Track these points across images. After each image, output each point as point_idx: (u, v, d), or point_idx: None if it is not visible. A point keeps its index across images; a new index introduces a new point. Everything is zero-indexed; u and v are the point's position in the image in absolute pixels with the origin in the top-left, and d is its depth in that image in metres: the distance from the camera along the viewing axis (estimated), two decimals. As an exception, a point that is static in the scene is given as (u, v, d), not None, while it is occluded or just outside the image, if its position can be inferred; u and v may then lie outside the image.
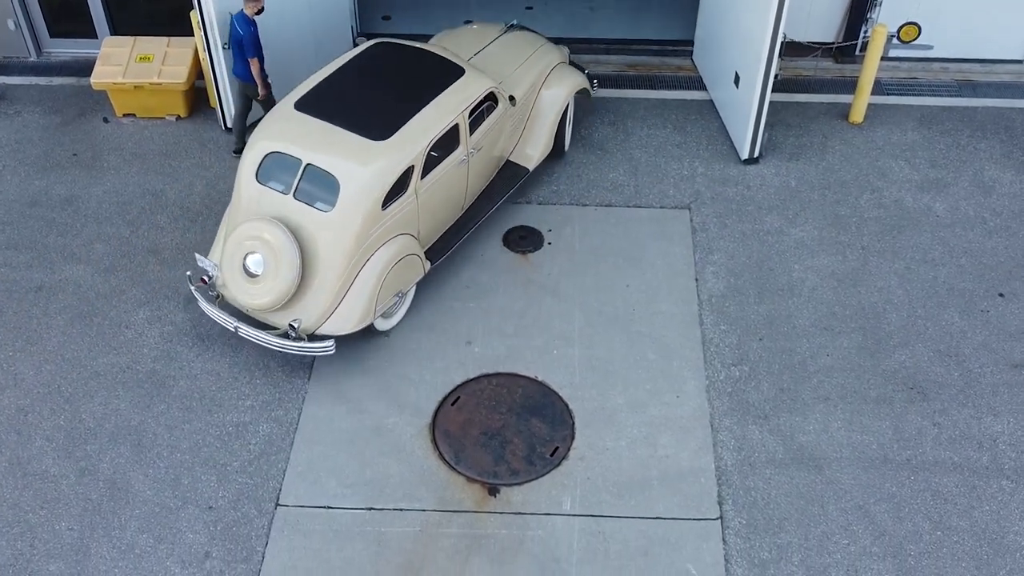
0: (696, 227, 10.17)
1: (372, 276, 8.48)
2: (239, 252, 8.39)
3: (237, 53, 10.11)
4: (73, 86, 11.88)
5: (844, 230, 10.15)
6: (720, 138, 11.17)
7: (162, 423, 8.49)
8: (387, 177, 8.36)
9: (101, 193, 10.55)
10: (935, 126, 11.34)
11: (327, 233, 8.24)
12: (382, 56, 9.39)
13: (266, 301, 8.36)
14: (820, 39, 12.07)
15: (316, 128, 8.49)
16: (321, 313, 8.44)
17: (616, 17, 12.93)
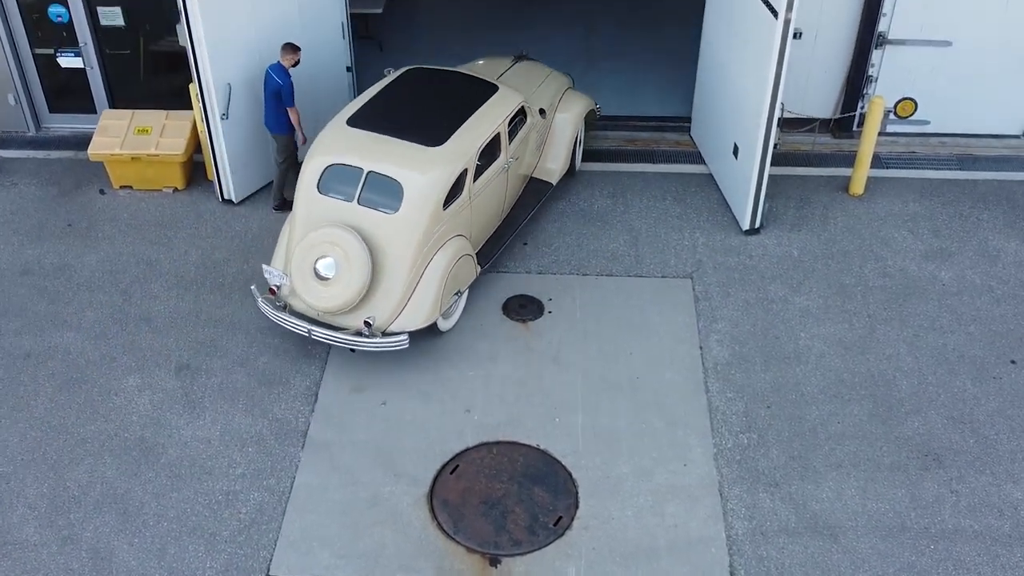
0: (699, 295, 10.01)
1: (436, 274, 8.95)
2: (310, 258, 8.77)
3: (273, 105, 10.33)
4: (71, 159, 11.84)
5: (849, 298, 9.99)
6: (720, 209, 11.11)
7: (149, 491, 8.16)
8: (446, 179, 8.91)
9: (94, 262, 10.39)
10: (936, 197, 11.31)
11: (394, 234, 8.74)
12: (419, 78, 10.08)
13: (340, 302, 8.72)
14: (817, 114, 12.12)
15: (372, 140, 9.04)
16: (392, 311, 8.85)
17: (613, 94, 13.03)
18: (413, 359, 9.33)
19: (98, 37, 11.65)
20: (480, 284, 10.13)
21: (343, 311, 8.82)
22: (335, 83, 11.76)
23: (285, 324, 9.00)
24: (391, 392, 9.04)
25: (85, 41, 11.62)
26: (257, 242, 10.63)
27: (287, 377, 9.17)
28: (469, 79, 10.17)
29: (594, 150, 12.02)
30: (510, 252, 10.51)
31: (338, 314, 8.85)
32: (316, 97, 11.42)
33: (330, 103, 11.73)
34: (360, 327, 8.80)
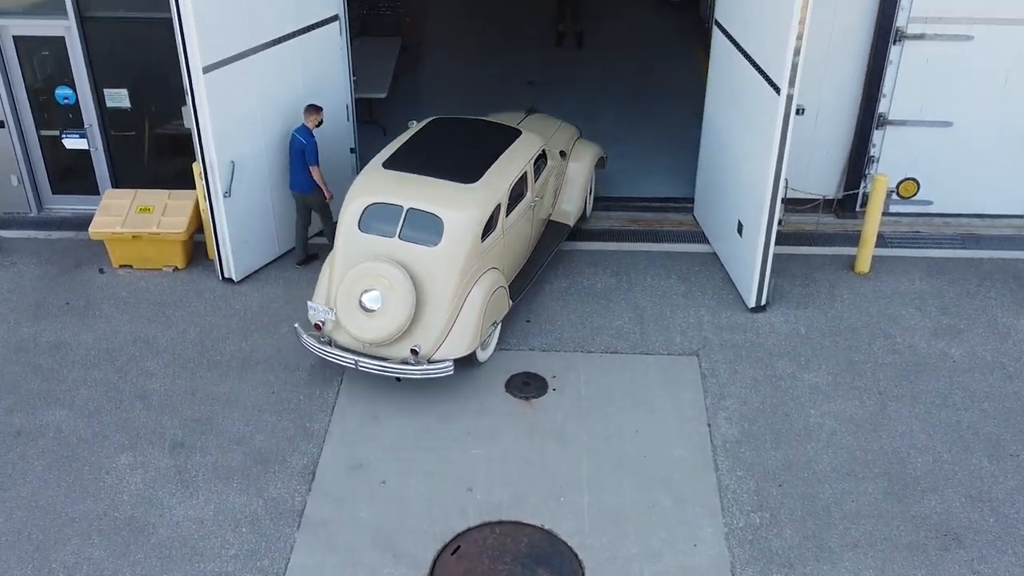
0: (705, 373, 9.82)
1: (477, 303, 9.34)
2: (355, 292, 9.11)
3: (298, 166, 10.62)
4: (71, 239, 11.78)
5: (859, 375, 9.79)
6: (726, 287, 10.99)
7: (138, 572, 7.84)
8: (483, 212, 9.37)
9: (91, 340, 10.24)
10: (942, 276, 11.20)
11: (436, 266, 9.15)
12: (445, 126, 10.64)
13: (386, 333, 9.07)
14: (820, 194, 12.10)
15: (409, 180, 9.51)
16: (436, 339, 9.21)
17: (616, 176, 13.05)
18: (415, 436, 9.10)
19: (104, 119, 11.71)
20: (483, 359, 9.97)
21: (389, 342, 9.14)
22: (339, 164, 11.76)
23: (331, 358, 9.29)
24: (392, 470, 8.78)
25: (91, 123, 11.68)
26: (256, 319, 10.49)
27: (284, 455, 8.93)
28: (493, 125, 10.79)
29: (597, 229, 11.98)
30: (513, 329, 10.37)
31: (384, 345, 9.16)
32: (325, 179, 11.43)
33: (334, 184, 11.74)
34: (406, 356, 9.14)
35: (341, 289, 9.17)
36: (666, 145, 13.77)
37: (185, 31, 9.52)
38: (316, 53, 10.96)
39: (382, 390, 9.62)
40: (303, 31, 10.68)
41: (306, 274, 11.15)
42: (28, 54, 11.40)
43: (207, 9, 9.55)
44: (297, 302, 10.72)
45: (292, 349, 10.09)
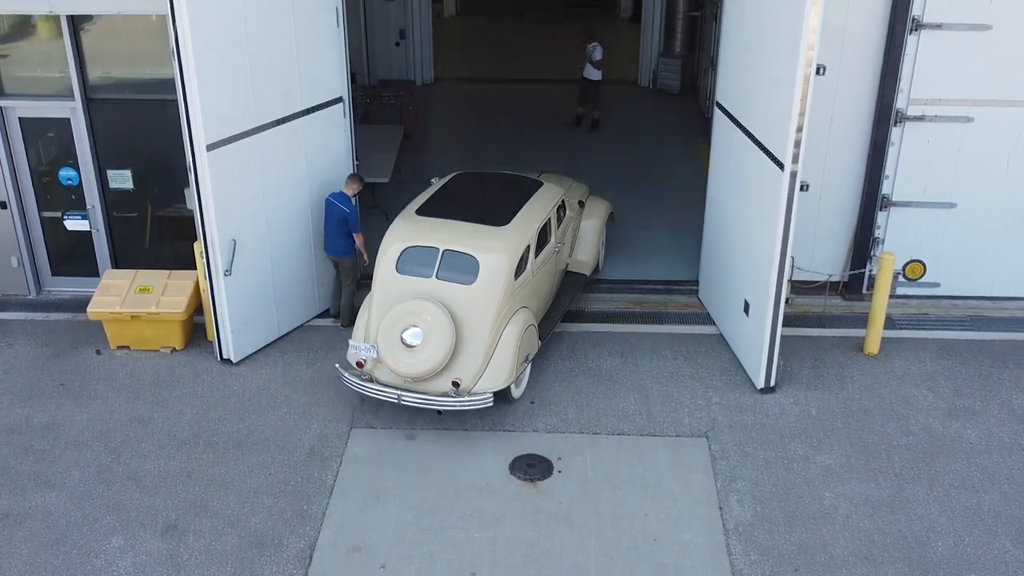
0: (715, 455, 9.55)
1: (512, 338, 9.74)
2: (396, 329, 9.45)
3: (336, 232, 10.95)
4: (69, 321, 11.63)
5: (874, 457, 9.53)
6: (733, 369, 10.80)
7: (124, 663, 7.47)
8: (515, 253, 9.89)
9: (85, 421, 9.99)
10: (953, 357, 11.01)
11: (473, 303, 9.58)
12: (469, 179, 11.39)
13: (428, 367, 9.38)
14: (825, 276, 12.01)
15: (443, 224, 10.06)
16: (475, 373, 9.56)
17: (619, 259, 12.99)
18: (417, 517, 8.79)
19: (106, 200, 11.69)
20: (486, 441, 9.71)
21: (430, 376, 9.47)
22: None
23: (374, 394, 9.63)
24: (392, 553, 8.45)
25: (93, 204, 11.65)
26: (254, 401, 10.26)
27: (280, 538, 8.60)
28: (515, 176, 11.57)
29: (601, 311, 11.84)
30: (517, 410, 10.14)
31: (425, 379, 9.49)
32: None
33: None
34: (447, 389, 9.47)
35: (383, 327, 9.50)
36: (669, 229, 13.75)
37: (190, 108, 9.54)
38: (320, 134, 11.00)
39: (384, 467, 9.36)
40: (307, 112, 10.74)
41: (306, 355, 10.97)
42: (33, 135, 11.44)
43: (212, 87, 9.59)
44: (296, 384, 10.52)
45: (290, 430, 9.85)
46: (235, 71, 9.82)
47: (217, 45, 9.56)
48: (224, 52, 9.66)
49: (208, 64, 9.49)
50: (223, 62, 9.67)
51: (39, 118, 11.34)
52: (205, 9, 9.34)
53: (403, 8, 18.95)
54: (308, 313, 11.53)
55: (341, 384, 10.42)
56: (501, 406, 10.09)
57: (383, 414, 10.10)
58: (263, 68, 10.09)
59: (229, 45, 9.69)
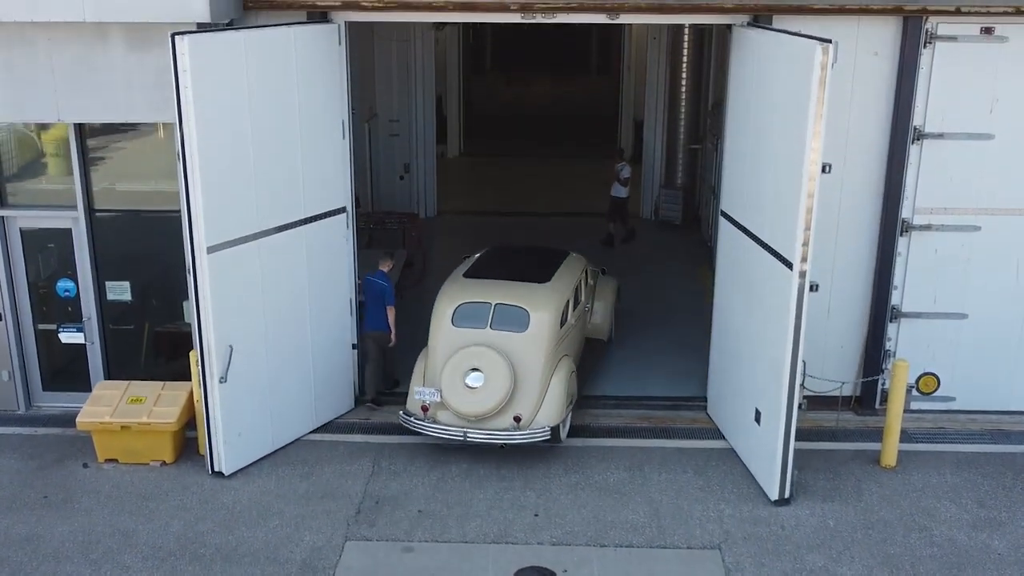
0: (730, 567, 9.02)
1: (562, 379, 10.80)
2: (458, 373, 10.40)
3: (375, 308, 11.64)
4: (58, 435, 11.26)
5: (898, 569, 8.99)
6: (745, 482, 10.35)
7: None
8: (559, 304, 11.15)
9: (66, 532, 9.51)
10: (974, 470, 10.57)
11: (525, 348, 10.61)
12: (505, 249, 13.11)
13: (490, 406, 10.33)
14: (837, 392, 11.70)
15: (490, 284, 11.30)
16: (531, 410, 10.52)
17: (624, 378, 12.71)
18: (411, 634, 8.23)
19: (103, 312, 11.52)
20: (488, 553, 9.21)
21: (491, 414, 10.37)
22: (339, 359, 11.48)
23: (441, 434, 10.46)
24: (384, 670, 7.86)
25: (89, 315, 11.48)
26: (245, 513, 9.78)
27: (266, 653, 8.03)
28: (545, 247, 13.23)
29: (607, 427, 11.47)
30: (520, 521, 9.67)
31: (487, 417, 10.37)
32: (321, 371, 11.12)
33: (335, 377, 11.42)
34: (508, 426, 10.37)
35: (445, 372, 10.42)
36: (675, 349, 13.51)
37: (192, 209, 9.49)
38: (322, 243, 10.93)
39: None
40: (310, 220, 10.70)
41: (301, 468, 10.56)
42: (33, 247, 11.38)
43: (215, 190, 9.57)
44: (289, 496, 10.07)
45: (281, 542, 9.35)
46: (239, 175, 9.83)
47: (223, 148, 9.60)
48: (229, 156, 9.69)
49: (212, 166, 9.50)
50: (228, 165, 9.68)
51: (40, 228, 11.31)
52: (213, 115, 9.42)
53: (408, 143, 19.29)
54: (305, 427, 11.17)
55: (335, 495, 10.02)
56: (507, 514, 9.66)
57: (380, 524, 9.63)
58: (268, 174, 10.11)
59: (235, 149, 9.73)
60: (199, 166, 9.40)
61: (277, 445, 10.87)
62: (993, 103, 10.76)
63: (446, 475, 10.47)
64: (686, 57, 18.20)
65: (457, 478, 10.41)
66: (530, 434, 10.33)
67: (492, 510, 9.87)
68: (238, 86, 9.65)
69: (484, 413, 10.34)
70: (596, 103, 31.11)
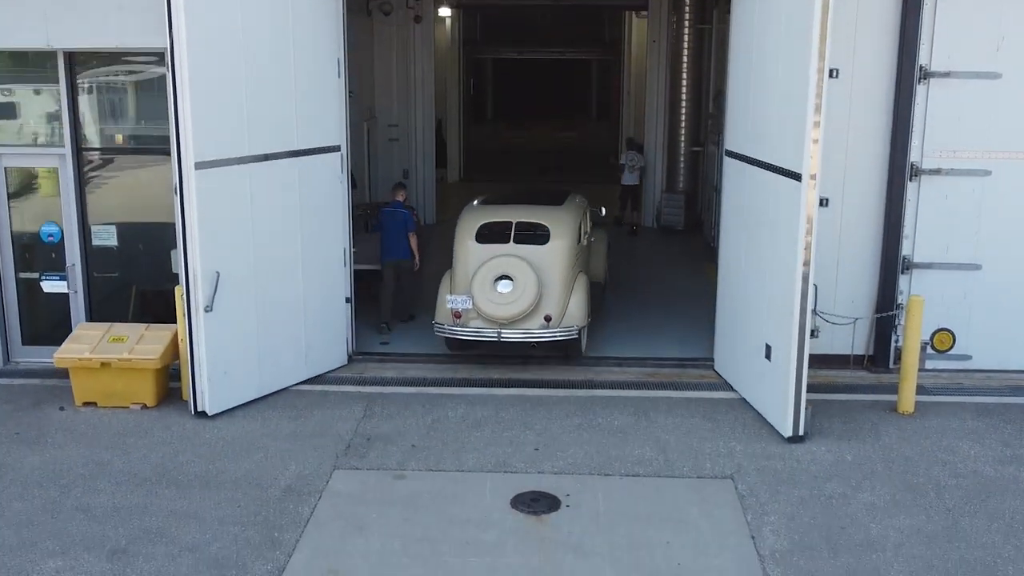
0: (743, 494, 8.46)
1: (583, 286, 11.57)
2: (488, 282, 10.99)
3: (399, 235, 12.44)
4: (36, 385, 10.76)
5: (921, 495, 8.43)
6: (756, 424, 9.83)
7: (44, 673, 6.19)
8: (574, 222, 11.93)
9: (36, 463, 8.96)
10: (997, 416, 10.05)
11: (549, 258, 11.28)
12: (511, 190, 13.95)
13: (520, 309, 10.92)
14: (848, 351, 11.26)
15: (508, 208, 12.04)
16: (558, 312, 11.14)
17: (630, 342, 12.27)
18: (404, 546, 7.64)
19: (87, 259, 11.11)
20: (485, 480, 8.67)
21: (521, 317, 10.94)
22: (333, 310, 11.04)
23: (476, 335, 11.04)
24: (376, 575, 7.26)
25: (73, 262, 11.06)
26: (228, 448, 9.24)
27: (244, 562, 7.43)
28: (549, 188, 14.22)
29: (612, 381, 10.97)
30: (519, 453, 9.14)
31: (517, 320, 10.93)
32: (313, 319, 10.68)
33: (328, 330, 10.97)
34: (538, 326, 10.96)
35: (476, 281, 11.00)
36: (680, 321, 13.07)
37: (180, 121, 9.17)
38: (315, 180, 10.57)
39: (368, 503, 8.28)
40: (303, 153, 10.37)
41: (290, 412, 10.04)
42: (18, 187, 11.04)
43: (205, 103, 9.27)
44: (277, 435, 9.54)
45: (265, 471, 8.81)
46: (230, 97, 9.54)
47: (214, 69, 9.33)
48: (220, 77, 9.41)
49: (203, 83, 9.22)
50: (218, 86, 9.40)
51: (26, 167, 11.00)
52: (204, 37, 9.18)
53: (407, 149, 19.11)
54: (295, 377, 10.66)
55: (325, 434, 9.52)
56: (505, 449, 9.15)
57: (371, 457, 9.09)
58: (259, 100, 9.81)
59: (226, 71, 9.45)
60: (189, 79, 9.12)
61: (265, 391, 10.35)
62: (1000, 41, 10.54)
63: (442, 418, 9.95)
64: (686, 58, 18.12)
65: (453, 421, 9.89)
66: (560, 331, 11.01)
67: (490, 446, 9.34)
68: (231, 8, 9.44)
69: (516, 316, 10.90)
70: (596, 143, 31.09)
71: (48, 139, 10.92)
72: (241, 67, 9.61)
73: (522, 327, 10.96)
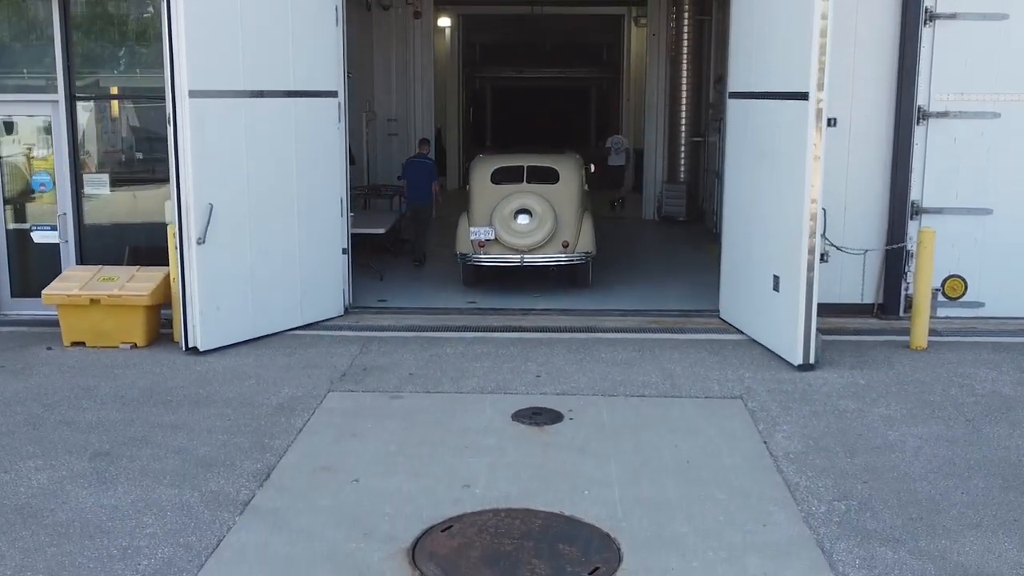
0: (753, 409, 8.13)
1: (590, 220, 12.56)
2: (508, 216, 12.06)
3: (423, 183, 14.20)
4: (24, 332, 10.48)
5: (939, 409, 8.11)
6: (765, 358, 9.51)
7: (17, 547, 5.83)
8: (578, 169, 12.90)
9: (20, 387, 8.65)
10: (1013, 351, 9.75)
11: (560, 195, 12.32)
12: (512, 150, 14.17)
13: (539, 237, 12.03)
14: (858, 299, 10.98)
15: (517, 156, 12.97)
16: (573, 238, 12.23)
17: (628, 297, 12.04)
18: (401, 447, 7.31)
19: (79, 209, 10.89)
20: (485, 400, 8.35)
21: (539, 245, 12.04)
22: (329, 258, 10.78)
23: (501, 261, 12.16)
24: (370, 471, 6.92)
25: (64, 211, 10.84)
26: (219, 377, 8.91)
27: (233, 461, 7.09)
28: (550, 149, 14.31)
29: (615, 327, 10.66)
30: (520, 379, 8.82)
31: (536, 248, 12.06)
32: (309, 265, 10.43)
33: (325, 280, 10.71)
34: (556, 252, 12.12)
35: (496, 215, 12.05)
36: (682, 284, 12.84)
37: (175, 47, 9.01)
38: (311, 125, 10.38)
39: (363, 416, 7.95)
40: (299, 94, 10.19)
41: (284, 350, 9.72)
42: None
43: (200, 31, 9.12)
44: (270, 367, 9.22)
45: (257, 393, 8.48)
46: (227, 24, 9.39)
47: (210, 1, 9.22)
48: (216, 7, 9.29)
49: (199, 5, 9.09)
50: (216, 10, 9.26)
51: (18, 116, 10.83)
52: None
53: (407, 145, 19.01)
54: (290, 322, 10.37)
55: (320, 366, 9.22)
56: (505, 376, 8.88)
57: (367, 382, 8.78)
58: (256, 34, 9.67)
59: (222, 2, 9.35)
60: (184, 6, 8.98)
61: (258, 333, 10.06)
62: (1006, -21, 10.47)
63: (440, 354, 9.65)
64: (686, 49, 18.09)
65: (452, 356, 9.58)
66: (576, 255, 12.17)
67: (490, 374, 9.03)
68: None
69: (536, 244, 12.01)
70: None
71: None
72: (237, 4, 9.49)
73: (542, 252, 12.06)
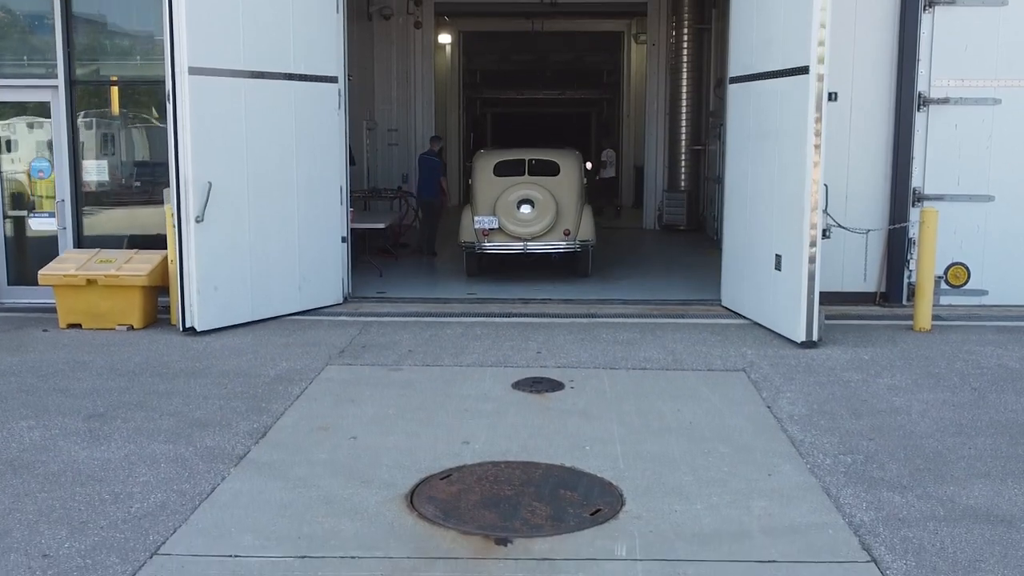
0: (756, 380, 8.02)
1: (590, 213, 12.96)
2: (511, 206, 12.48)
3: (430, 178, 15.05)
4: (21, 316, 10.40)
5: (945, 380, 8.01)
6: (768, 338, 9.42)
7: (8, 493, 5.71)
8: (578, 163, 13.28)
9: (15, 361, 8.56)
10: (1019, 333, 9.66)
11: (561, 187, 12.76)
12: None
13: (541, 226, 12.44)
14: (860, 287, 10.91)
15: (519, 150, 13.46)
16: (574, 227, 12.57)
17: (629, 290, 11.95)
18: (400, 411, 7.20)
19: (77, 195, 10.86)
20: (486, 372, 8.27)
21: (542, 233, 12.44)
22: (329, 250, 10.72)
23: (505, 249, 12.53)
24: (368, 431, 6.81)
25: (63, 198, 10.80)
26: (216, 356, 8.79)
27: (229, 422, 6.98)
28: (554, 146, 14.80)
29: (616, 313, 10.59)
30: (521, 355, 8.72)
31: (539, 236, 12.45)
32: (308, 252, 10.37)
33: (324, 267, 10.65)
34: (558, 240, 12.49)
35: (500, 205, 12.47)
36: (685, 280, 12.79)
37: (175, 21, 9.02)
38: (312, 109, 10.37)
39: (362, 385, 7.85)
40: (299, 78, 10.19)
41: (282, 332, 9.64)
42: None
43: (201, 6, 9.13)
44: (268, 346, 9.13)
45: (253, 366, 8.39)
46: (227, 2, 9.42)
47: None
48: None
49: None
50: None
51: (17, 101, 10.83)
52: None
53: (407, 154, 19.04)
54: (288, 307, 10.29)
55: (318, 344, 9.12)
56: (506, 352, 8.80)
57: (366, 357, 8.69)
58: (256, 15, 9.68)
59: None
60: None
61: (256, 316, 9.98)
62: (1004, -36, 10.52)
63: (440, 335, 9.56)
64: (686, 57, 18.16)
65: (452, 336, 9.50)
66: (577, 243, 12.49)
67: (490, 351, 8.94)
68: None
69: (538, 232, 12.43)
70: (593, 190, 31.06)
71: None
72: (238, -14, 9.54)
73: (544, 240, 12.43)
